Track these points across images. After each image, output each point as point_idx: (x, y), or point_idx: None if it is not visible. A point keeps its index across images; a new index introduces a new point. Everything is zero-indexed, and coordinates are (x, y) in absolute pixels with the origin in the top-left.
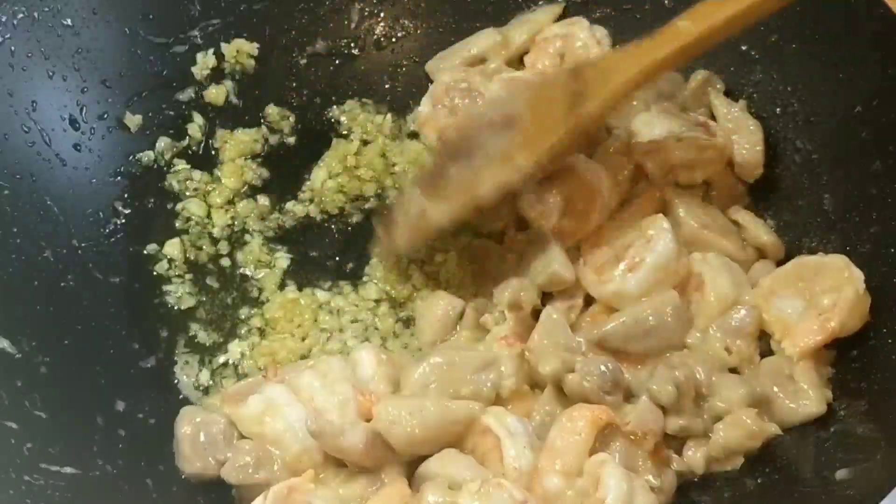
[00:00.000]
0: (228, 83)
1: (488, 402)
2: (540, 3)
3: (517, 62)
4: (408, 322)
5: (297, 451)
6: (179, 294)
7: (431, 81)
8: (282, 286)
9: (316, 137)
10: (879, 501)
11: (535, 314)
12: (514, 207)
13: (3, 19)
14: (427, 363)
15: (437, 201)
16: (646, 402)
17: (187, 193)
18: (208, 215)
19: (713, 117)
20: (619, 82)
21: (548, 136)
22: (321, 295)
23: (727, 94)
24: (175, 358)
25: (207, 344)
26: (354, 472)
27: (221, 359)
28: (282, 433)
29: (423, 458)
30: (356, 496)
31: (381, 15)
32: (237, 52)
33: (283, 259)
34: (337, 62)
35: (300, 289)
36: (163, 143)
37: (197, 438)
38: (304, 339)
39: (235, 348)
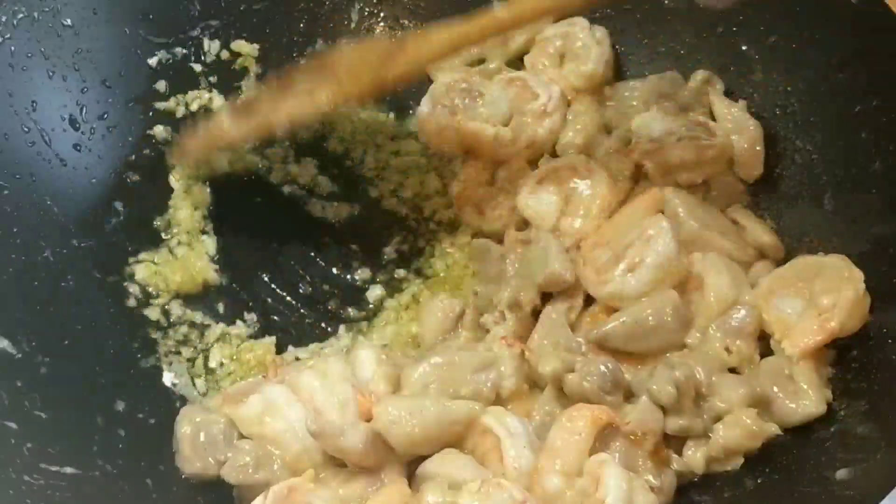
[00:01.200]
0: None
1: (488, 402)
2: None
3: (517, 62)
4: (408, 321)
5: (297, 451)
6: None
7: (431, 81)
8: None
9: (316, 138)
10: (879, 501)
11: (535, 314)
12: (515, 207)
13: (3, 19)
14: (427, 363)
15: (237, 118)
16: (646, 402)
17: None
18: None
19: (713, 117)
20: (428, 52)
21: (354, 85)
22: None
23: (727, 94)
24: (174, 357)
25: (202, 347)
26: (354, 472)
27: (213, 362)
28: (282, 433)
29: (423, 458)
30: (356, 496)
31: (381, 15)
32: (237, 52)
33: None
34: None
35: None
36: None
37: (197, 438)
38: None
39: (217, 353)
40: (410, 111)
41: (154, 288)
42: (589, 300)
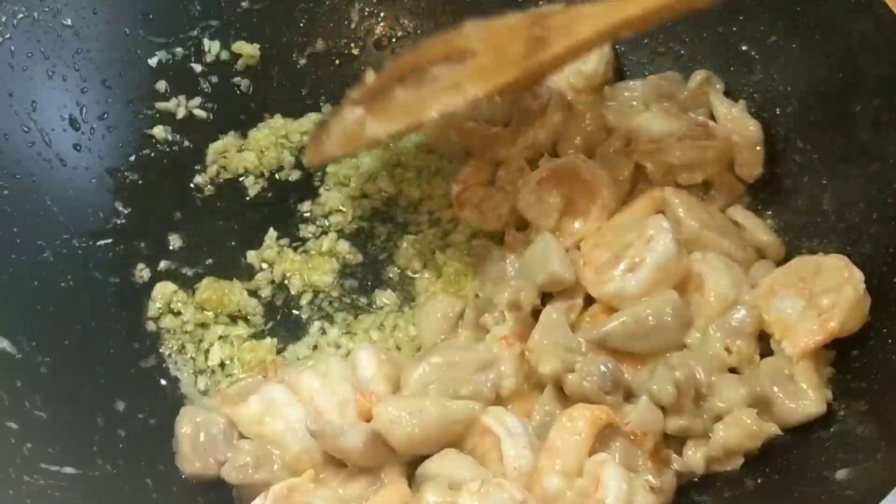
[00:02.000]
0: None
1: (488, 402)
2: (540, 3)
3: None
4: (408, 320)
5: (297, 451)
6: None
7: None
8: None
9: None
10: (879, 501)
11: (535, 314)
12: (515, 207)
13: (3, 19)
14: (427, 363)
15: (378, 117)
16: (646, 402)
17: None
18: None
19: (713, 117)
20: (582, 35)
21: (502, 74)
22: (301, 349)
23: (727, 94)
24: (174, 357)
25: (203, 347)
26: (354, 472)
27: (213, 361)
28: (282, 433)
29: (423, 458)
30: (356, 496)
31: (381, 15)
32: (237, 52)
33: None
34: (337, 62)
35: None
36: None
37: (197, 438)
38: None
39: (217, 353)
40: None
41: (155, 288)
42: (589, 300)
